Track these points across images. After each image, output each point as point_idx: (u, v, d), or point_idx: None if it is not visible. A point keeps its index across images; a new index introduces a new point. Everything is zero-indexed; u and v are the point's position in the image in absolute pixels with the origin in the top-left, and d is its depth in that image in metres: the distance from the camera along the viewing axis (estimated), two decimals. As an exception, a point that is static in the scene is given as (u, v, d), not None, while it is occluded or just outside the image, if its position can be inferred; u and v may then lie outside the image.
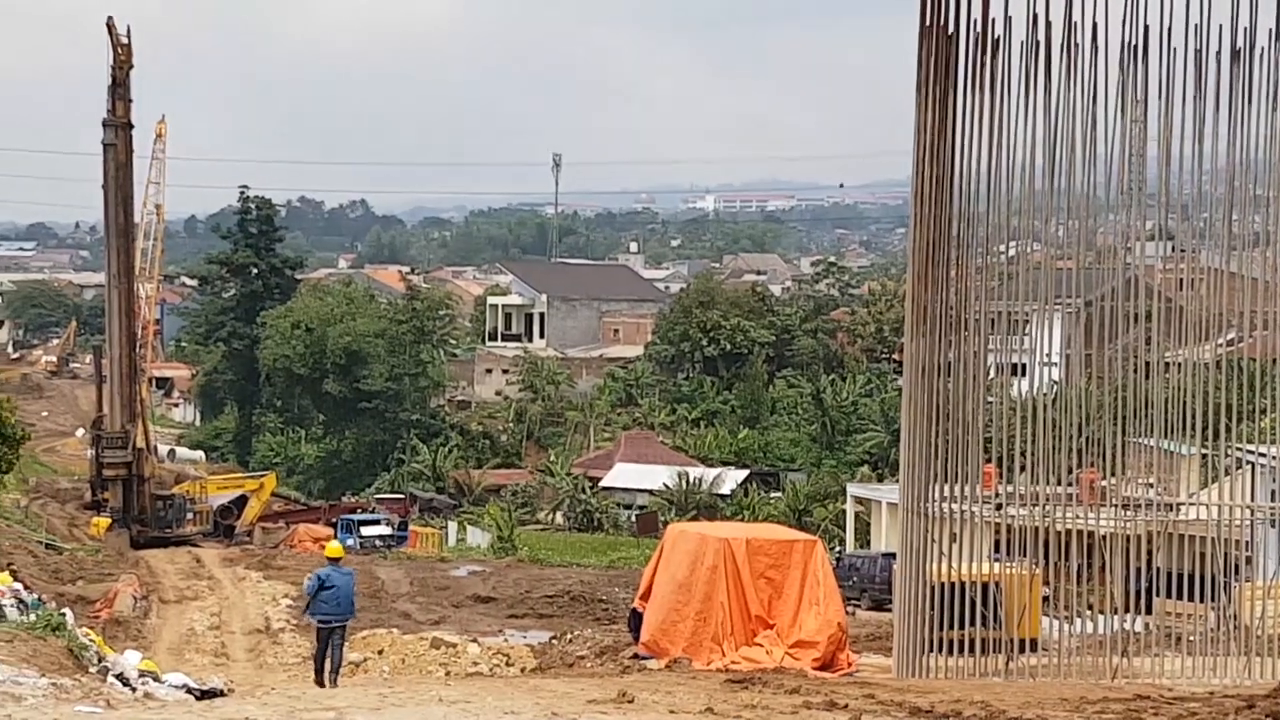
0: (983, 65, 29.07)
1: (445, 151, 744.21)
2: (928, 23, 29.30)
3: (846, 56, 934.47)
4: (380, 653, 40.52)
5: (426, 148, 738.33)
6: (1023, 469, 30.07)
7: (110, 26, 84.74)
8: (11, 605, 24.88)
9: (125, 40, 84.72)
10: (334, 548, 34.13)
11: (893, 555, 41.32)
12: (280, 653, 46.63)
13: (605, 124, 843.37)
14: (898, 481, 32.38)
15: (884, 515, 74.65)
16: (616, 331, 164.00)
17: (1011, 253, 30.70)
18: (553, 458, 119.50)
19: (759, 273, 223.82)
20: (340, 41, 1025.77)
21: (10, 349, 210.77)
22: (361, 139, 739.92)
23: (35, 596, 26.98)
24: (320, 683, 30.47)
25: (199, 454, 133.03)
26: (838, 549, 74.26)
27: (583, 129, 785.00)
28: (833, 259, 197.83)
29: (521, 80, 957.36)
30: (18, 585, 27.09)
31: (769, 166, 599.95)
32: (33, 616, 24.54)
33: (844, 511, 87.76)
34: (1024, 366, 32.10)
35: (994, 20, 28.97)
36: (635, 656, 33.70)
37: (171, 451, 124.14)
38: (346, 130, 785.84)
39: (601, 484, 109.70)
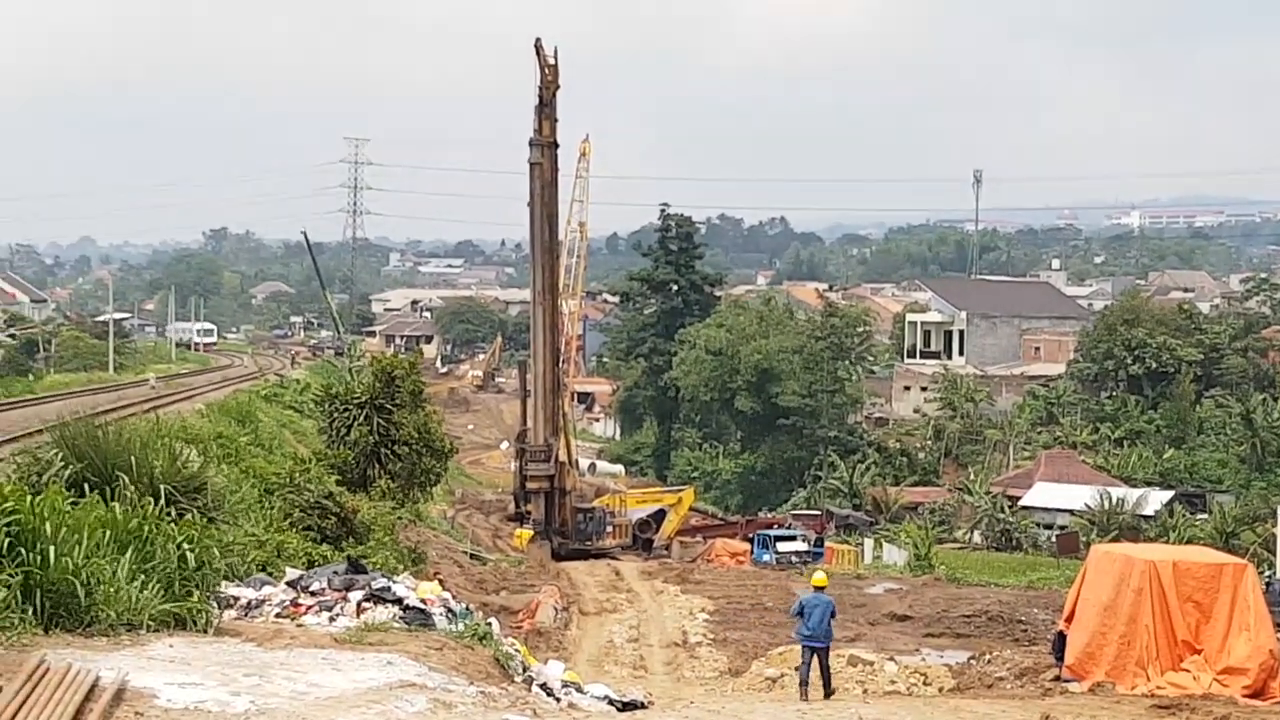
0: None
1: (864, 168, 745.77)
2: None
3: (1274, 68, 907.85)
4: (797, 669, 40.47)
5: (845, 164, 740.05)
6: None
7: (538, 47, 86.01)
8: (440, 614, 25.42)
9: (552, 61, 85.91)
10: (817, 577, 36.16)
11: (1327, 582, 39.86)
12: (698, 666, 46.85)
13: (1027, 139, 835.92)
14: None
15: (1317, 540, 72.23)
16: (1037, 349, 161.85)
17: None
18: (971, 476, 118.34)
19: (1186, 290, 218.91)
20: (758, 59, 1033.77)
21: (438, 364, 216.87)
22: (781, 156, 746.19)
23: (463, 606, 27.52)
24: (804, 696, 32.38)
25: (619, 468, 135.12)
26: (1267, 574, 71.91)
27: (1004, 144, 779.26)
28: (1264, 275, 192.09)
29: (940, 95, 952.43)
30: (446, 594, 27.69)
31: (1195, 182, 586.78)
32: (461, 625, 25.04)
33: (1275, 535, 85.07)
34: None
35: None
36: (1057, 679, 33.10)
37: (592, 465, 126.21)
38: (766, 147, 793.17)
39: (1020, 503, 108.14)
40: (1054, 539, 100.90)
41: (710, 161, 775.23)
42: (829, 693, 33.46)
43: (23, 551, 19.42)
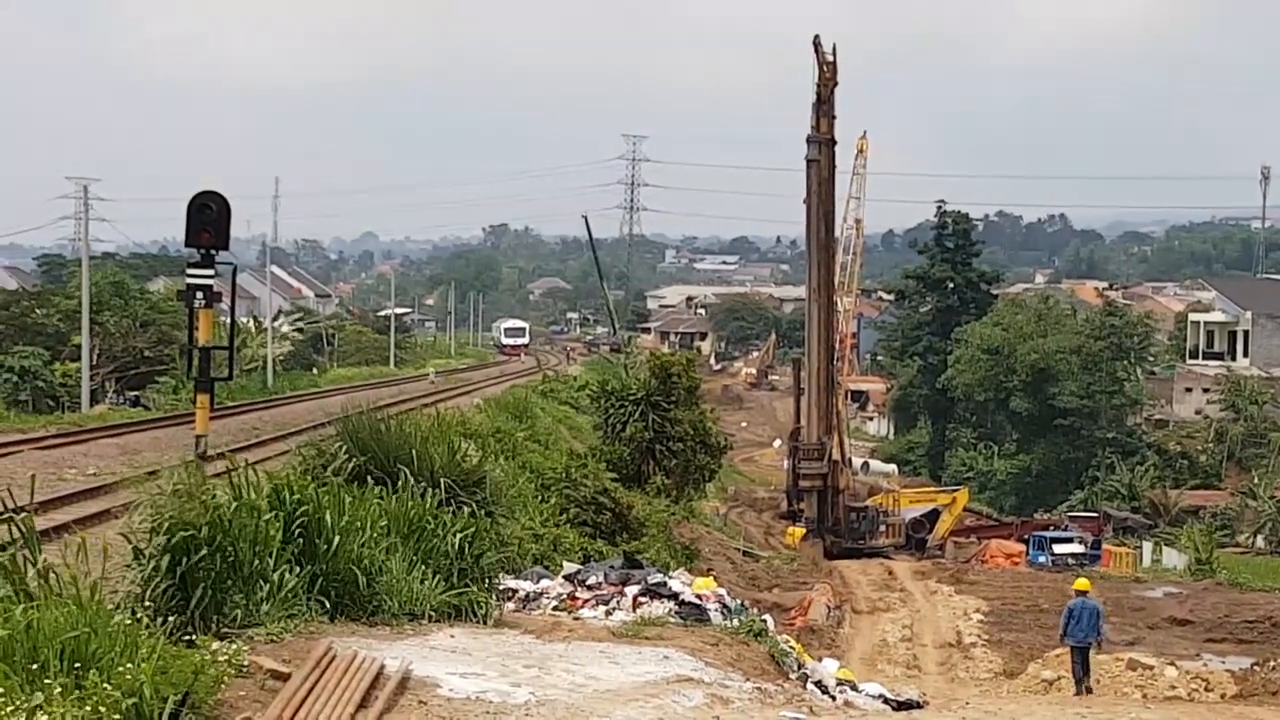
0: None
1: (1146, 165, 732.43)
2: None
3: None
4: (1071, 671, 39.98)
5: (1127, 161, 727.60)
6: None
7: (817, 45, 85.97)
8: (715, 609, 25.59)
9: (831, 58, 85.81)
10: (1080, 582, 37.93)
11: None
12: (972, 667, 46.55)
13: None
14: None
15: None
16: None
17: None
18: (1255, 479, 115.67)
19: None
20: (1037, 53, 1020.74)
21: (712, 361, 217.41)
22: (1061, 153, 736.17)
23: (738, 602, 27.65)
24: (1078, 693, 34.50)
25: (892, 467, 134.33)
26: None
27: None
28: None
29: (1227, 89, 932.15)
30: (721, 590, 27.84)
31: None
32: (736, 621, 25.17)
33: None
34: None
35: None
36: (1344, 688, 32.39)
37: (865, 464, 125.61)
38: (1046, 144, 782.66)
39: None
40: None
41: (988, 158, 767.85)
42: (1088, 688, 34.68)
43: (311, 541, 19.90)
